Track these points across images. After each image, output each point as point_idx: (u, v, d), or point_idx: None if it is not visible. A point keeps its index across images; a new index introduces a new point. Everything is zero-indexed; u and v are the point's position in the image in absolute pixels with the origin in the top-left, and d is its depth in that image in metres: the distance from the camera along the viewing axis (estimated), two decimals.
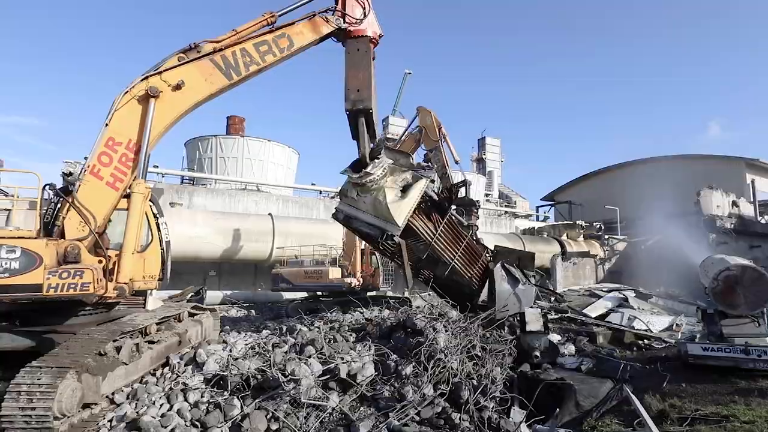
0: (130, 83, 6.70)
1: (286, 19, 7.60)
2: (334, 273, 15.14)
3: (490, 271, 10.51)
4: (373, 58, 8.08)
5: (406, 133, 16.01)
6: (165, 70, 6.76)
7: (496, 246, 11.82)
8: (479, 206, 11.94)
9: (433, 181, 9.61)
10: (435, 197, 10.00)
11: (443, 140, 14.77)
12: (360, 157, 7.81)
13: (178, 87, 6.77)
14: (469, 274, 10.40)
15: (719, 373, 7.48)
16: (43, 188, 6.52)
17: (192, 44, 7.02)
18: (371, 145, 7.82)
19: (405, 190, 8.16)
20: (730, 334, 8.34)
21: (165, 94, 6.72)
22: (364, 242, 13.90)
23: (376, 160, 7.80)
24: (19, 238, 6.12)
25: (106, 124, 6.61)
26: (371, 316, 10.04)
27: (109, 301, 6.80)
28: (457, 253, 10.13)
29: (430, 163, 14.99)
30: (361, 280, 15.32)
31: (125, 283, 6.44)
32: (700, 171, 33.98)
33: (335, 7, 7.89)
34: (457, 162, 15.45)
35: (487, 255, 10.98)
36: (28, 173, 12.41)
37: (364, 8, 7.98)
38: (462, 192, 13.85)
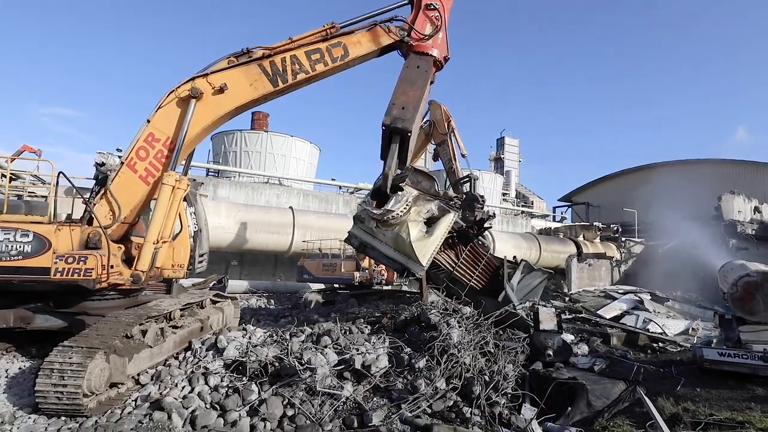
0: (177, 83, 6.77)
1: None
2: (347, 266, 15.34)
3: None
4: (431, 82, 7.28)
5: None
6: (212, 73, 6.75)
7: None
8: (484, 201, 11.57)
9: (458, 211, 8.74)
10: (461, 225, 9.72)
11: (452, 134, 14.46)
12: (382, 177, 6.89)
13: (220, 90, 6.72)
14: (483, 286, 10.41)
15: (735, 380, 7.36)
16: (57, 176, 6.70)
17: (245, 49, 6.92)
18: (398, 171, 6.89)
19: (430, 223, 7.42)
20: (748, 341, 8.25)
21: (206, 95, 6.71)
22: None
23: (399, 194, 6.99)
24: (32, 222, 6.32)
25: (148, 120, 6.71)
26: (386, 309, 10.15)
27: (125, 288, 6.88)
28: (475, 273, 10.16)
29: (440, 159, 14.96)
30: (371, 275, 15.47)
31: (142, 271, 6.52)
32: (722, 175, 33.23)
33: (403, 19, 7.26)
34: (464, 156, 15.01)
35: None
36: (44, 161, 12.96)
37: (436, 26, 7.26)
38: (467, 187, 13.74)
